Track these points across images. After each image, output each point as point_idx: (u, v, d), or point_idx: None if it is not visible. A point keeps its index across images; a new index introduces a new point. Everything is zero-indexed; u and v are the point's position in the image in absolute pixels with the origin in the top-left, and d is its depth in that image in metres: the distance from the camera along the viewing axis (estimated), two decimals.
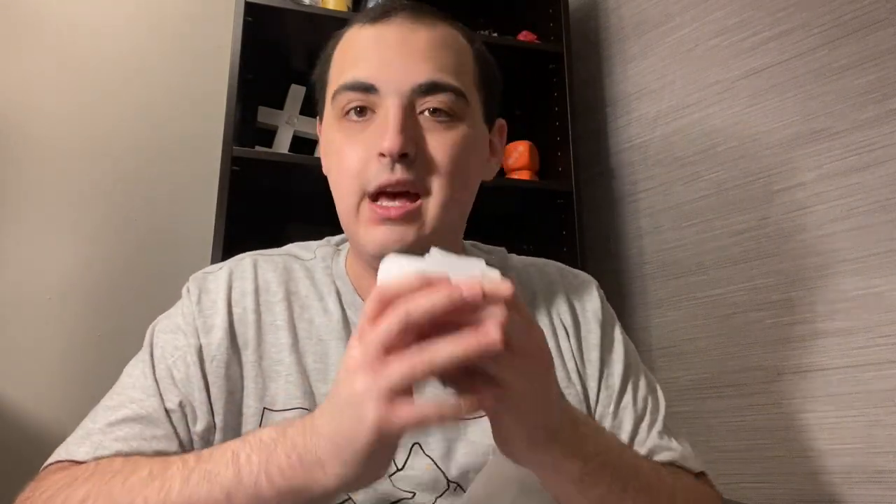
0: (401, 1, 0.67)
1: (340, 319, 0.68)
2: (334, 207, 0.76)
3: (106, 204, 1.42)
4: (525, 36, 1.57)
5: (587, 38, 1.68)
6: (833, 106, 1.15)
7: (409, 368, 0.41)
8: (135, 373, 0.64)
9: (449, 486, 0.62)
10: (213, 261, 1.16)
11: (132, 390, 0.62)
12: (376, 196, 0.62)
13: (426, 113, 0.63)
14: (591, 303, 0.77)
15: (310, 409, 0.63)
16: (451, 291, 0.41)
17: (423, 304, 0.41)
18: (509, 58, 1.50)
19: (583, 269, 1.36)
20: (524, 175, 1.50)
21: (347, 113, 0.64)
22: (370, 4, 1.48)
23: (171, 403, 0.61)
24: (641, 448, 0.68)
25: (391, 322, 0.41)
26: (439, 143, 0.62)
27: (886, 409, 1.02)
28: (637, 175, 1.49)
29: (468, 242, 0.79)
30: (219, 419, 0.62)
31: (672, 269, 1.38)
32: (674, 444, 0.70)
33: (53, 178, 1.40)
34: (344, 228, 0.68)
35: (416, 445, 0.63)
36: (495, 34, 1.58)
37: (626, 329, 1.45)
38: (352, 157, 0.63)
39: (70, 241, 1.38)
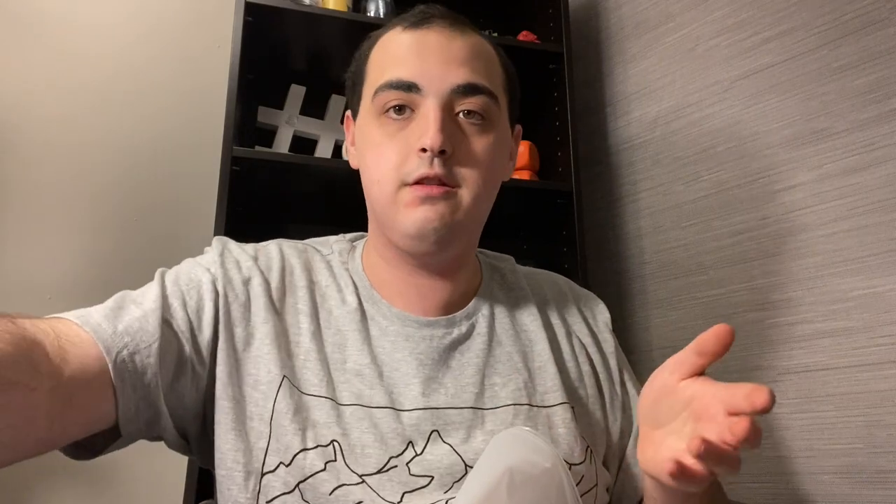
0: (438, 8, 0.72)
1: (357, 310, 0.70)
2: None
3: (106, 204, 1.42)
4: (525, 36, 1.57)
5: (587, 38, 1.68)
6: (833, 106, 1.15)
7: None
8: (143, 288, 0.65)
9: (467, 470, 0.62)
10: None
11: (138, 295, 0.63)
12: (414, 184, 0.66)
13: (461, 115, 0.67)
14: (602, 314, 0.81)
15: (331, 399, 0.64)
16: None
17: None
18: (509, 58, 1.50)
19: (583, 269, 1.38)
20: (524, 175, 1.50)
21: (387, 111, 0.67)
22: (370, 8, 1.48)
23: (169, 317, 0.62)
24: None
25: None
26: (474, 144, 0.67)
27: (886, 409, 1.02)
28: (637, 175, 1.49)
29: (477, 250, 0.80)
30: (221, 370, 0.63)
31: (672, 269, 1.38)
32: None
33: (53, 177, 1.40)
34: (378, 216, 0.70)
35: (435, 433, 0.64)
36: (495, 34, 1.58)
37: (626, 329, 1.46)
38: (392, 151, 0.66)
39: (70, 241, 1.38)
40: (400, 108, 0.66)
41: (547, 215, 1.50)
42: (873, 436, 1.03)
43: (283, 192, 1.42)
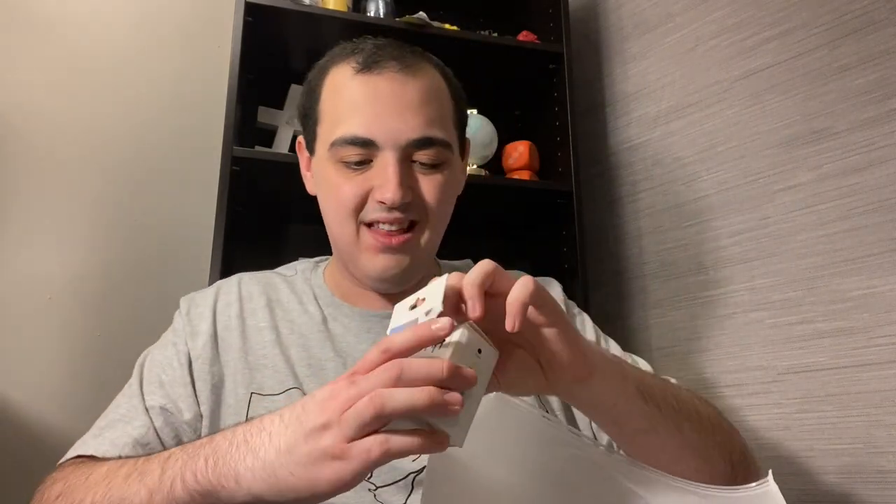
0: (388, 48, 0.73)
1: (320, 317, 0.78)
2: None
3: (106, 204, 1.42)
4: (525, 36, 1.57)
5: (587, 38, 1.68)
6: (833, 106, 1.15)
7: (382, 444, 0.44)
8: (124, 389, 0.75)
9: None
10: (213, 261, 1.16)
11: (120, 397, 0.74)
12: (371, 223, 0.72)
13: (417, 163, 0.72)
14: (554, 289, 0.88)
15: (300, 389, 0.71)
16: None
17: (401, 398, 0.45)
18: (509, 58, 1.50)
19: (582, 269, 1.38)
20: (524, 175, 1.49)
21: (346, 162, 0.71)
22: (370, 8, 1.47)
23: (153, 402, 0.70)
24: None
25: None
26: (429, 189, 0.72)
27: (886, 409, 1.02)
28: (637, 175, 1.49)
29: (443, 262, 0.88)
30: (204, 408, 0.71)
31: (672, 269, 1.38)
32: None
33: (53, 178, 1.40)
34: (340, 252, 0.79)
35: None
36: (495, 34, 1.58)
37: (626, 329, 1.46)
38: (350, 194, 0.71)
39: (70, 242, 1.38)
40: (358, 163, 0.70)
41: (547, 215, 1.50)
42: (873, 436, 1.03)
43: (283, 192, 1.42)
